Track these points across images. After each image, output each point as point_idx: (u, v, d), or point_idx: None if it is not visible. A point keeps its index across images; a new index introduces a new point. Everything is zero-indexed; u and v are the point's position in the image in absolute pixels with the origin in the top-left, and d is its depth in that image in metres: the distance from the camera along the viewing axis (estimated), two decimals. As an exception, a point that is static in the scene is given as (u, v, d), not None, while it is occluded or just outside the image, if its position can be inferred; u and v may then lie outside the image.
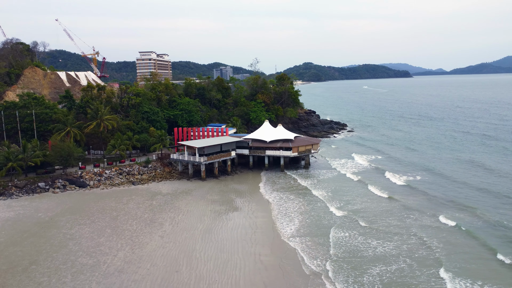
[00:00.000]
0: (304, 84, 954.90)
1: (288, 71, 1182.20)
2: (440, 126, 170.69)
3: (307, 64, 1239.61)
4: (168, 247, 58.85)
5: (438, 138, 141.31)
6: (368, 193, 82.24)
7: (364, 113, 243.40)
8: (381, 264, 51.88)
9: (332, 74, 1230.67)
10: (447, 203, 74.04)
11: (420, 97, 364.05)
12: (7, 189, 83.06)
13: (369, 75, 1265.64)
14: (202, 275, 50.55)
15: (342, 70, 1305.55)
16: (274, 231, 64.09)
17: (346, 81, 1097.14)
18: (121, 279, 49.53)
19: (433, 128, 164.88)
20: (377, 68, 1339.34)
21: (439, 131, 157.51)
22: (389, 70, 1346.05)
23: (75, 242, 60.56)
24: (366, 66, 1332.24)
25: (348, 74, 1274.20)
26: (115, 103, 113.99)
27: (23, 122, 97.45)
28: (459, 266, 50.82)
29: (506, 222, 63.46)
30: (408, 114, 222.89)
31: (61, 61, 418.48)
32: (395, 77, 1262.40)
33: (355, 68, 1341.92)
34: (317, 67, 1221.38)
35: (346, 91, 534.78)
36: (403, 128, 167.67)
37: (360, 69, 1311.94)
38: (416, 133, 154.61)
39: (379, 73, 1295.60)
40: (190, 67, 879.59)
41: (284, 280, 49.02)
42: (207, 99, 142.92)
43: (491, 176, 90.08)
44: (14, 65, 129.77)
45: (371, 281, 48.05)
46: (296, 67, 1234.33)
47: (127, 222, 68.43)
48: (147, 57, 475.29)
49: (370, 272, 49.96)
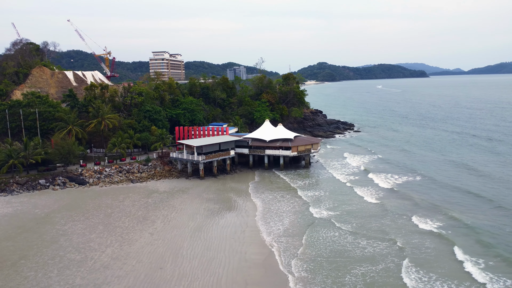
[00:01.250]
0: (318, 84, 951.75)
1: (302, 71, 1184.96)
2: (446, 128, 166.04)
3: (322, 64, 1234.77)
4: (156, 244, 59.45)
5: (441, 140, 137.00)
6: (356, 195, 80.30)
7: (372, 113, 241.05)
8: (358, 266, 51.38)
9: (346, 74, 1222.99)
10: (434, 207, 71.58)
11: (432, 98, 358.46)
12: (8, 185, 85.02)
13: (384, 75, 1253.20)
14: (185, 272, 50.94)
15: (357, 70, 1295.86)
16: (263, 230, 64.08)
17: (361, 81, 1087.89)
18: (105, 275, 50.26)
19: (438, 130, 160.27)
20: (392, 68, 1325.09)
21: (443, 133, 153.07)
22: (405, 70, 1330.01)
23: (67, 238, 61.69)
24: (381, 66, 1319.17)
25: (363, 74, 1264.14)
26: (118, 102, 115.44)
27: (26, 120, 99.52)
28: (423, 271, 49.89)
29: (494, 230, 61.00)
30: (417, 115, 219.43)
31: (73, 61, 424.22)
32: (411, 77, 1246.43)
33: (370, 68, 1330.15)
34: (332, 67, 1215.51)
35: (358, 91, 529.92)
36: (409, 130, 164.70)
37: (375, 69, 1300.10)
38: (420, 135, 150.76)
39: (394, 73, 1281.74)
40: (204, 67, 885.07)
41: (266, 279, 49.04)
42: (211, 99, 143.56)
43: (490, 182, 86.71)
44: (22, 64, 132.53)
45: (353, 281, 47.70)
46: (310, 67, 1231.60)
47: (120, 219, 69.35)
48: (160, 57, 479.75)
49: (352, 272, 49.61)
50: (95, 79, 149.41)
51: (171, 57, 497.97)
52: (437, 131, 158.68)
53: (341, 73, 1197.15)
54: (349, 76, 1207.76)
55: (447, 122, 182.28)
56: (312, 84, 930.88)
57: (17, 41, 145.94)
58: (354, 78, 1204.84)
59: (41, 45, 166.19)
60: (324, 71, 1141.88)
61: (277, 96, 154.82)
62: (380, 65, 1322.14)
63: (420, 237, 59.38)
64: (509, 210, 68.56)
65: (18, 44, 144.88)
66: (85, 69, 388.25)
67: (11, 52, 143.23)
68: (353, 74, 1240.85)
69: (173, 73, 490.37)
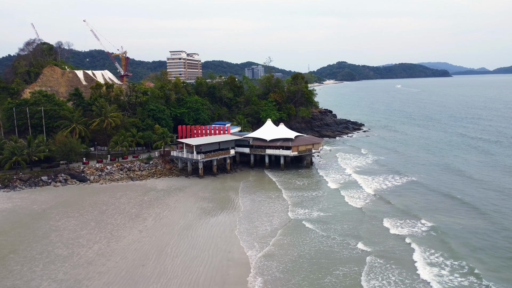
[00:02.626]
0: (337, 83, 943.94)
1: (322, 70, 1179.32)
2: (455, 130, 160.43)
3: (341, 63, 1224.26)
4: (144, 241, 60.21)
5: (447, 143, 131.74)
6: (341, 199, 78.10)
7: (385, 113, 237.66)
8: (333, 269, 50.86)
9: (366, 74, 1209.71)
10: (415, 212, 69.31)
11: (450, 98, 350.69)
12: (11, 181, 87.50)
13: (405, 74, 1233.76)
14: (166, 270, 51.45)
15: (377, 69, 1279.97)
16: (244, 231, 64.01)
17: (381, 80, 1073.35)
18: (88, 270, 51.22)
19: (447, 133, 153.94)
20: (414, 67, 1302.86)
21: (450, 135, 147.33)
22: (427, 69, 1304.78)
23: (58, 233, 63.11)
24: (402, 65, 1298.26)
25: (383, 73, 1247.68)
26: (123, 101, 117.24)
27: (33, 118, 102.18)
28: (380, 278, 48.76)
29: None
30: (429, 116, 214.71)
31: (88, 60, 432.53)
32: (433, 76, 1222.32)
33: (391, 67, 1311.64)
34: (351, 66, 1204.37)
35: (376, 91, 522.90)
36: (418, 131, 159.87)
37: (396, 68, 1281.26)
38: (427, 137, 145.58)
39: (416, 72, 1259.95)
40: (223, 66, 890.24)
41: (243, 279, 49.02)
42: (217, 98, 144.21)
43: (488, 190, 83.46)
44: (34, 64, 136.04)
45: (333, 282, 47.29)
46: (329, 66, 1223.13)
47: (113, 216, 70.49)
48: (177, 56, 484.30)
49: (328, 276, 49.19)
50: (105, 78, 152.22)
51: (188, 56, 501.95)
52: (445, 133, 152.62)
53: (361, 73, 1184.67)
54: (369, 76, 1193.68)
55: (458, 124, 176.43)
56: (330, 83, 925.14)
57: (30, 41, 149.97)
58: (374, 77, 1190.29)
59: (55, 45, 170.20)
60: (343, 71, 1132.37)
61: (285, 96, 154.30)
62: (401, 65, 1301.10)
63: (392, 242, 57.62)
64: (495, 220, 65.01)
65: (31, 44, 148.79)
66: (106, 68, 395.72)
67: (25, 53, 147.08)
68: (373, 73, 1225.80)
69: (190, 72, 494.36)
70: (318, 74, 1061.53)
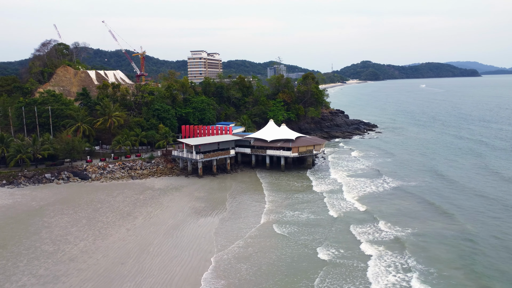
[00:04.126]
0: (360, 83, 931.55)
1: (345, 70, 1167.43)
2: (472, 134, 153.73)
3: (365, 63, 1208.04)
4: (129, 240, 61.23)
5: (458, 148, 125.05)
6: (322, 205, 75.24)
7: (402, 114, 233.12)
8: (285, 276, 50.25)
9: (391, 73, 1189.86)
10: (392, 219, 66.37)
11: (473, 98, 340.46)
12: (16, 178, 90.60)
13: (432, 74, 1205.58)
14: (143, 268, 52.19)
15: (402, 68, 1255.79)
16: (235, 231, 64.17)
17: (406, 80, 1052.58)
18: (68, 267, 52.52)
19: (461, 138, 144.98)
20: (441, 66, 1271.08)
21: (464, 141, 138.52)
22: (455, 68, 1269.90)
23: (49, 230, 64.96)
24: (429, 65, 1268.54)
25: (409, 73, 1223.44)
26: (129, 100, 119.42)
27: (40, 117, 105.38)
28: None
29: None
30: (447, 117, 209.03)
31: (107, 60, 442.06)
32: (461, 76, 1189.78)
33: (417, 66, 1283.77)
34: (376, 65, 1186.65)
35: (398, 91, 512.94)
36: (432, 133, 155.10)
37: (422, 68, 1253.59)
38: (440, 140, 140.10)
39: (443, 72, 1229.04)
40: (246, 65, 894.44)
41: (216, 280, 49.15)
42: (225, 98, 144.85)
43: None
44: (48, 64, 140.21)
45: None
46: (353, 65, 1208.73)
47: (105, 214, 71.96)
48: (198, 56, 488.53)
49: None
50: (116, 78, 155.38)
51: (208, 56, 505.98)
52: (457, 139, 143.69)
53: (386, 72, 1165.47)
54: (394, 75, 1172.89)
55: (474, 128, 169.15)
56: (353, 83, 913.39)
57: (46, 42, 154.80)
58: (399, 77, 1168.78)
59: (72, 45, 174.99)
60: (367, 70, 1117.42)
61: (294, 96, 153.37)
62: (428, 64, 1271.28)
63: (352, 251, 55.69)
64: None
65: (47, 45, 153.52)
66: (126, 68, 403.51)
67: (41, 53, 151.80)
68: (398, 73, 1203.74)
69: (210, 72, 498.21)
70: (342, 74, 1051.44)
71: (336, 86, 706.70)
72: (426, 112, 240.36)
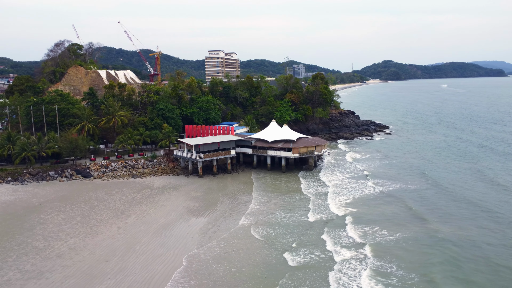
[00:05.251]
0: (380, 83, 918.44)
1: (366, 69, 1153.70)
2: (481, 137, 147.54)
3: (387, 62, 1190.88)
4: (118, 238, 62.26)
5: (465, 153, 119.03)
6: (304, 210, 73.40)
7: (417, 115, 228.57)
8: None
9: (413, 73, 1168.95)
10: (366, 227, 65.17)
11: (494, 100, 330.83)
12: (21, 175, 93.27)
13: (456, 73, 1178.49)
14: (126, 267, 53.02)
15: (425, 68, 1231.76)
16: (217, 232, 64.38)
17: (428, 80, 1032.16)
18: (54, 263, 53.84)
19: (470, 142, 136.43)
20: (465, 66, 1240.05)
21: (472, 146, 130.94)
22: (480, 68, 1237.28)
23: (43, 226, 66.68)
24: (453, 64, 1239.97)
25: (432, 72, 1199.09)
26: (135, 100, 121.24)
27: (48, 116, 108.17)
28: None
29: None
30: (463, 119, 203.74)
31: (122, 60, 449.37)
32: (486, 76, 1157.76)
33: (440, 66, 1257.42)
34: (397, 65, 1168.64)
35: (418, 91, 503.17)
36: (443, 136, 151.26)
37: (446, 68, 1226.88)
38: (448, 144, 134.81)
39: (468, 71, 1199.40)
40: (265, 65, 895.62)
41: (185, 280, 49.35)
42: (232, 98, 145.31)
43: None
44: (60, 64, 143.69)
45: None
46: (374, 65, 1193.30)
47: (100, 212, 73.33)
48: (215, 55, 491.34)
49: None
50: (127, 78, 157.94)
51: (226, 55, 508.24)
52: (466, 143, 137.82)
53: (408, 72, 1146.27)
54: (416, 75, 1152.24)
55: (486, 131, 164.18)
56: (373, 83, 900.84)
57: (59, 42, 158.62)
58: (421, 77, 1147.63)
59: (86, 46, 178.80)
60: (388, 70, 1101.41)
61: (302, 96, 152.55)
62: (452, 63, 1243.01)
63: (320, 258, 54.33)
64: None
65: (60, 45, 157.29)
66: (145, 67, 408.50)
67: (55, 54, 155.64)
68: (420, 72, 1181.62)
69: (228, 71, 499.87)
70: (362, 73, 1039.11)
71: (355, 86, 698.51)
72: (444, 112, 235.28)
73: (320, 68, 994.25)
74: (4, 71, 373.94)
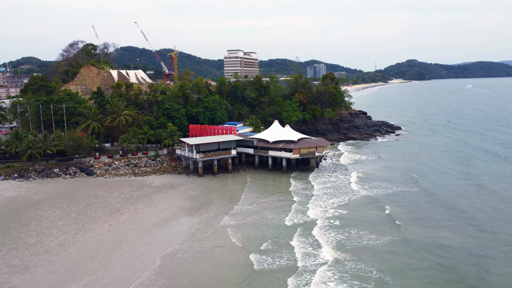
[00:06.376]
0: (403, 82, 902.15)
1: (389, 69, 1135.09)
2: (492, 142, 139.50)
3: (411, 62, 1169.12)
4: (107, 235, 63.46)
5: (470, 156, 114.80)
6: (285, 212, 72.46)
7: (434, 116, 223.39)
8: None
9: (438, 72, 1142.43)
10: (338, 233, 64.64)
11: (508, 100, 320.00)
12: (27, 172, 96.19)
13: (483, 73, 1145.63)
14: (109, 264, 54.01)
15: (451, 68, 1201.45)
16: (198, 232, 64.73)
17: (454, 80, 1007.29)
18: (41, 258, 55.35)
19: (478, 148, 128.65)
20: (494, 65, 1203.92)
21: (480, 151, 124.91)
22: (509, 68, 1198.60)
23: (38, 222, 68.59)
24: (480, 64, 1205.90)
25: (458, 72, 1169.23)
26: (142, 100, 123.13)
27: (56, 114, 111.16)
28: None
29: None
30: (482, 122, 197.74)
31: (138, 59, 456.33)
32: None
33: (467, 65, 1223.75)
34: (422, 64, 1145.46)
35: (440, 91, 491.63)
36: (455, 139, 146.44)
37: (472, 67, 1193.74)
38: (450, 145, 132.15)
39: (496, 71, 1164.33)
40: (286, 64, 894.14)
41: (164, 280, 49.83)
42: (240, 97, 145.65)
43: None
44: (73, 64, 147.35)
45: None
46: (398, 64, 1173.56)
47: (95, 210, 74.84)
48: (234, 55, 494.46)
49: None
50: (138, 78, 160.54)
51: (245, 55, 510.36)
52: (473, 149, 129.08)
53: (432, 71, 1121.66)
54: (441, 75, 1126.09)
55: (495, 131, 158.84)
56: (396, 83, 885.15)
57: (74, 43, 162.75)
58: (447, 76, 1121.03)
59: (101, 46, 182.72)
60: (412, 69, 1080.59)
61: (311, 96, 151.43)
62: (479, 63, 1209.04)
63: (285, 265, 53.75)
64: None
65: (74, 45, 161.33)
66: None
67: (69, 54, 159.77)
68: (446, 72, 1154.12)
69: (246, 71, 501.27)
70: (385, 73, 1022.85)
71: (376, 86, 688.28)
72: (462, 114, 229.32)
73: (342, 67, 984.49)
74: (32, 70, 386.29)
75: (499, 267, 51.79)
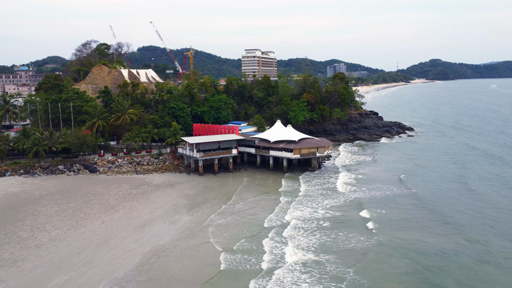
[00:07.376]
0: (426, 82, 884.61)
1: (412, 68, 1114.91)
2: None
3: (434, 61, 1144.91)
4: (98, 231, 64.69)
5: (473, 159, 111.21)
6: (267, 214, 71.58)
7: (450, 117, 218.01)
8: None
9: (463, 72, 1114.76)
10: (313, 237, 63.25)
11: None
12: (33, 168, 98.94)
13: (510, 73, 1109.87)
14: (94, 259, 55.08)
15: (476, 67, 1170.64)
16: (184, 230, 65.17)
17: (479, 80, 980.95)
18: (30, 253, 56.89)
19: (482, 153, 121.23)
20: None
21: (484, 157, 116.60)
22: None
23: (34, 217, 70.48)
24: (507, 63, 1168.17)
25: (483, 72, 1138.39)
26: (148, 99, 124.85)
27: (63, 113, 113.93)
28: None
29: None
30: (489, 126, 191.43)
31: (153, 59, 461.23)
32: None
33: (493, 65, 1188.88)
34: (446, 64, 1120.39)
35: (462, 91, 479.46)
36: (452, 140, 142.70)
37: (499, 67, 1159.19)
38: (457, 148, 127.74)
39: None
40: (306, 64, 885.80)
41: (151, 282, 50.41)
42: (247, 97, 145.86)
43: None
44: (85, 63, 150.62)
45: None
46: (421, 64, 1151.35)
47: (91, 206, 76.35)
48: (252, 54, 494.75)
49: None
50: (148, 77, 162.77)
51: (263, 54, 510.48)
52: (478, 155, 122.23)
53: (457, 71, 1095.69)
54: (466, 75, 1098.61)
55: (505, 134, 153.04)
56: (418, 83, 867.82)
57: (86, 42, 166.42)
58: (472, 76, 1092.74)
59: (115, 46, 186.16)
60: (436, 69, 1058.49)
61: (319, 96, 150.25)
62: (506, 62, 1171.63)
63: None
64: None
65: (86, 45, 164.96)
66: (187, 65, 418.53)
67: (82, 53, 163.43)
68: (471, 72, 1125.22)
69: (264, 70, 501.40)
70: (407, 73, 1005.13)
71: (397, 85, 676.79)
72: (478, 115, 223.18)
73: (363, 67, 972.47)
74: (56, 69, 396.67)
75: (474, 270, 51.32)
